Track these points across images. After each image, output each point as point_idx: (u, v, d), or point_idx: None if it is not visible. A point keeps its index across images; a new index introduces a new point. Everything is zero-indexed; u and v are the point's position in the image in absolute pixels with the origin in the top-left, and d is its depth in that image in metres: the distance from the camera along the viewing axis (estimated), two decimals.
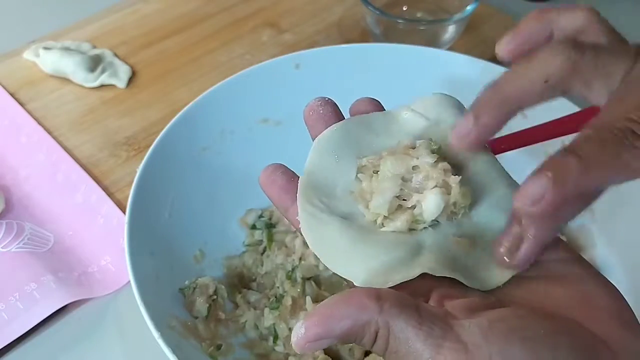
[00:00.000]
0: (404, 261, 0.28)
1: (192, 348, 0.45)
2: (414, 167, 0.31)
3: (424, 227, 0.30)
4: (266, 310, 0.50)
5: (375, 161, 0.31)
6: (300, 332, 0.25)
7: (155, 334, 0.41)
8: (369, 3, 0.68)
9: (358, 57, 0.60)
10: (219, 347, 0.47)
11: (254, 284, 0.54)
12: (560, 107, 0.54)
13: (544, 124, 0.53)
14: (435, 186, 0.30)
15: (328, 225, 0.30)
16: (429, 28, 0.69)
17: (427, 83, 0.59)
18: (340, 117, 0.35)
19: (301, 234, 0.31)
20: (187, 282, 0.49)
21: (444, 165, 0.30)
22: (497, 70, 0.58)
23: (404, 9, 0.74)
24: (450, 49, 0.67)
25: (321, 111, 0.35)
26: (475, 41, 0.73)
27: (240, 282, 0.54)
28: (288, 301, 0.49)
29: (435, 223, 0.30)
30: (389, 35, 0.70)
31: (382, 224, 0.30)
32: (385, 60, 0.60)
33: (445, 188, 0.30)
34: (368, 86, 0.59)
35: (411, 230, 0.30)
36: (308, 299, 0.49)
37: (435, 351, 0.24)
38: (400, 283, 0.28)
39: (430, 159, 0.30)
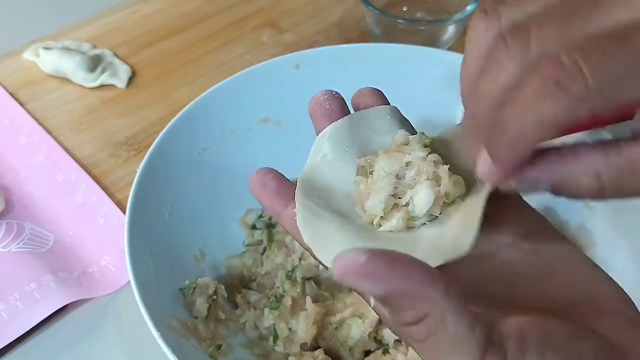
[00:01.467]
0: None
1: (192, 348, 0.45)
2: (407, 164, 0.30)
3: (422, 224, 0.29)
4: (266, 310, 0.50)
5: (372, 161, 0.31)
6: (355, 257, 0.21)
7: (155, 334, 0.41)
8: (369, 3, 0.68)
9: (358, 57, 0.60)
10: (219, 347, 0.47)
11: (254, 284, 0.54)
12: None
13: None
14: (427, 179, 0.29)
15: (325, 220, 0.30)
16: (429, 28, 0.69)
17: (427, 83, 0.59)
18: (346, 112, 0.34)
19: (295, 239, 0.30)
20: (187, 282, 0.49)
21: (434, 156, 0.29)
22: None
23: (404, 9, 0.74)
24: (450, 49, 0.67)
25: (327, 106, 0.34)
26: None
27: (240, 282, 0.54)
28: (288, 301, 0.49)
29: (432, 218, 0.29)
30: (389, 35, 0.70)
31: (380, 224, 0.30)
32: (385, 60, 0.60)
33: (436, 180, 0.29)
34: (368, 86, 0.59)
35: (409, 228, 0.30)
36: (308, 299, 0.49)
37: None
38: None
39: (422, 153, 0.30)
